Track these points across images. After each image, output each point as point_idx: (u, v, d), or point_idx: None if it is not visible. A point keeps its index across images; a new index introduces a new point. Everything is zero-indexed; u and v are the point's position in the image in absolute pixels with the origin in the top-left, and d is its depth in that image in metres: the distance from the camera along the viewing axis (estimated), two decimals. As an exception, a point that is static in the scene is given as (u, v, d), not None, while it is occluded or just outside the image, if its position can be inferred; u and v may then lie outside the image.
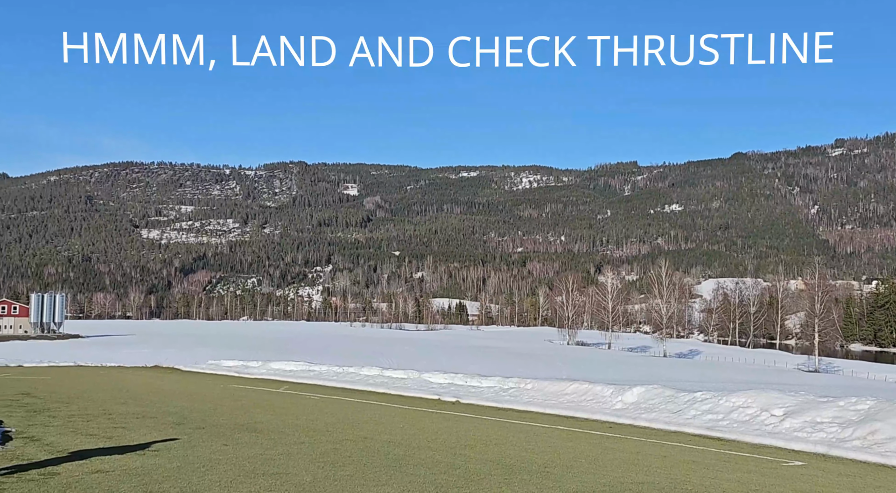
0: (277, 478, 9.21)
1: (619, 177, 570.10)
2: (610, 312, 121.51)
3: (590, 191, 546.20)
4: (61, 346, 72.31)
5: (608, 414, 17.08)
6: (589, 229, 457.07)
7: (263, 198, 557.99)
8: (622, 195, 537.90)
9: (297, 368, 32.36)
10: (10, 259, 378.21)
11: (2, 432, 12.79)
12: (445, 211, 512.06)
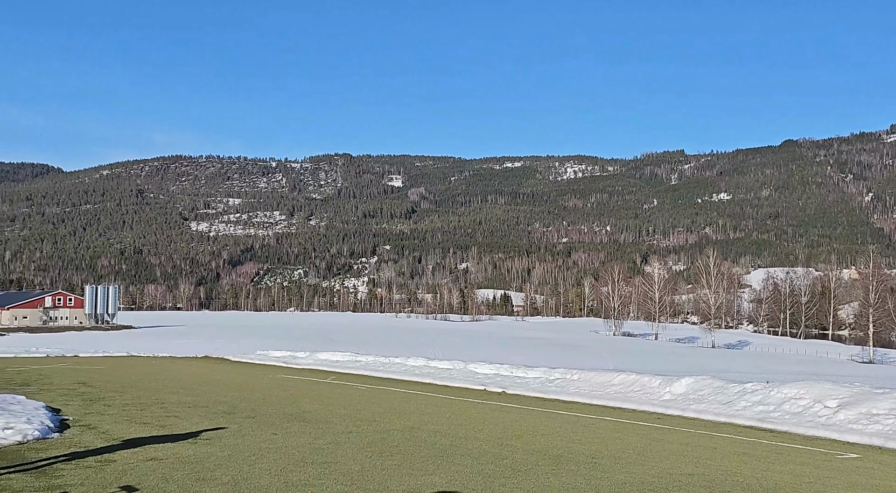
0: (326, 467, 9.30)
1: (665, 166, 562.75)
2: (657, 302, 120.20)
3: (636, 180, 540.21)
4: (115, 336, 74.02)
5: (656, 405, 16.90)
6: (635, 219, 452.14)
7: (309, 190, 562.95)
8: (669, 184, 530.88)
9: (343, 358, 32.62)
10: (65, 252, 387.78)
11: (60, 420, 13.14)
12: (490, 202, 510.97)
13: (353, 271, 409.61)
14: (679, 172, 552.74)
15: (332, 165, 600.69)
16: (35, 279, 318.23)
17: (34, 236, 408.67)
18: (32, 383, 20.60)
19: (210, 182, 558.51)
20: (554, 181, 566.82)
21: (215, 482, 8.28)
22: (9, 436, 10.81)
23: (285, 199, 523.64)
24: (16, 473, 8.63)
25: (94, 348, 44.21)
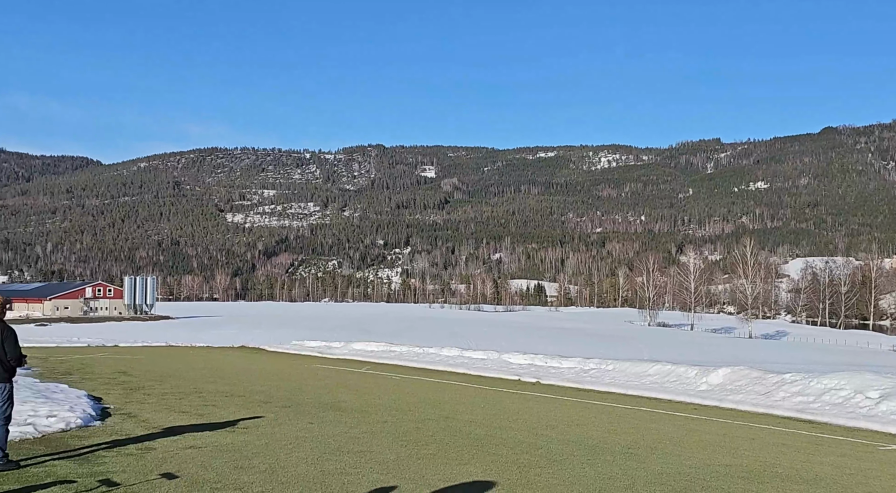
0: (362, 456, 9.37)
1: (701, 154, 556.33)
2: (692, 292, 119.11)
3: (671, 169, 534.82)
4: (153, 327, 75.17)
5: (692, 396, 16.75)
6: (670, 209, 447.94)
7: (343, 181, 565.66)
8: (704, 173, 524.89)
9: (378, 348, 32.77)
10: (104, 243, 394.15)
11: (101, 408, 13.38)
12: (523, 192, 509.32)
13: (387, 261, 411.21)
14: (715, 160, 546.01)
15: (366, 157, 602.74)
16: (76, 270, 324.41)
17: (74, 228, 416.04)
18: (74, 373, 21.00)
19: (245, 174, 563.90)
20: (588, 171, 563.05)
21: (253, 470, 8.38)
22: (53, 424, 11.03)
23: (319, 190, 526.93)
24: (60, 459, 8.81)
25: (134, 338, 44.93)
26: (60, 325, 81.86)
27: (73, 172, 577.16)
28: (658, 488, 8.00)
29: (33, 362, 24.05)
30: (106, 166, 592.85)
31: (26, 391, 13.98)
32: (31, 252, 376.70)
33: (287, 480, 7.95)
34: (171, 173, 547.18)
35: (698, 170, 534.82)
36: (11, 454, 8.67)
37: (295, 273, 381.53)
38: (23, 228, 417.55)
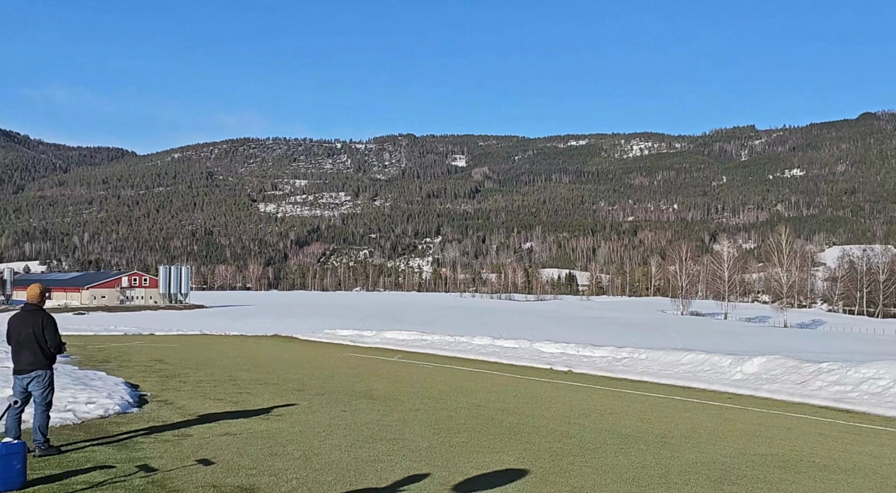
0: (395, 443, 9.41)
1: (735, 142, 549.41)
2: (726, 281, 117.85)
3: (704, 157, 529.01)
4: (188, 315, 76.13)
5: (727, 385, 16.59)
6: (703, 197, 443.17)
7: (373, 171, 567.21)
8: (738, 161, 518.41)
9: (409, 337, 32.88)
10: (139, 233, 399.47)
11: (138, 395, 13.59)
12: (554, 180, 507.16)
13: (418, 250, 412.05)
14: (749, 147, 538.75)
15: (396, 146, 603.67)
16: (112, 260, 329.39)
17: (110, 218, 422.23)
18: (112, 360, 21.34)
19: (277, 164, 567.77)
20: (619, 159, 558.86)
21: (287, 457, 8.46)
22: (91, 410, 11.23)
23: (350, 180, 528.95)
24: (99, 445, 8.97)
25: (169, 327, 45.54)
26: (98, 314, 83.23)
27: (108, 163, 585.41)
28: (692, 477, 7.94)
29: (72, 349, 24.50)
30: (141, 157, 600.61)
31: (66, 378, 14.24)
32: (69, 242, 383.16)
33: (321, 467, 8.02)
34: (204, 164, 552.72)
35: (732, 157, 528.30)
36: (53, 440, 8.84)
37: (326, 263, 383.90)
38: (60, 219, 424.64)
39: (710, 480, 7.83)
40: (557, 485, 7.41)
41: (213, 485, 7.12)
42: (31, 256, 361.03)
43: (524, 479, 7.65)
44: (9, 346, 8.81)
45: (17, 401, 8.50)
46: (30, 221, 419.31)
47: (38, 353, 8.65)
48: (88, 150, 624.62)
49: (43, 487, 7.00)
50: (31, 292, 8.92)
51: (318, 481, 7.38)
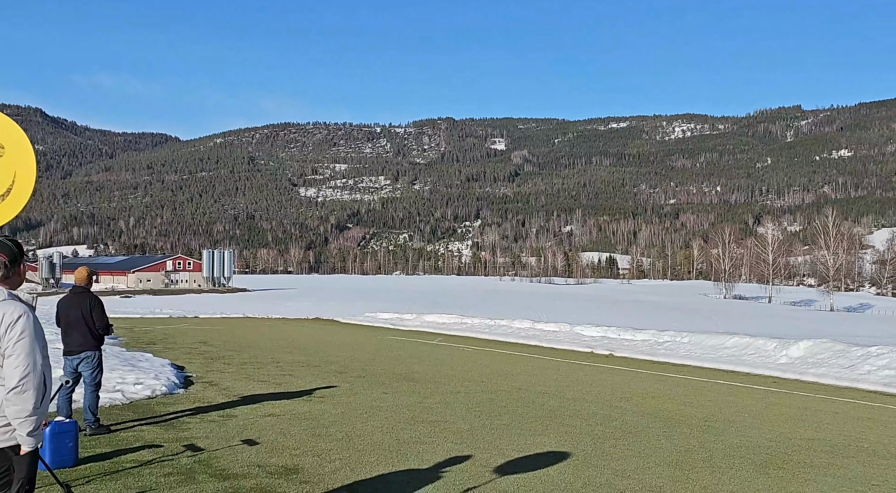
0: (436, 425, 9.45)
1: (780, 122, 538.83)
2: (770, 264, 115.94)
3: (748, 138, 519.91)
4: (231, 299, 77.14)
5: (772, 369, 16.35)
6: (747, 179, 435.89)
7: (413, 154, 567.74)
8: (784, 142, 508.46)
9: (449, 320, 32.93)
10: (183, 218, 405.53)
11: (184, 376, 13.82)
12: (594, 163, 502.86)
13: (457, 234, 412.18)
14: (795, 128, 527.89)
15: (436, 130, 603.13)
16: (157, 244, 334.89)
17: (155, 203, 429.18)
18: (158, 342, 21.73)
19: (317, 148, 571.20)
20: (661, 141, 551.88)
21: (330, 438, 8.54)
22: (139, 391, 11.46)
23: (390, 164, 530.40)
24: (147, 425, 9.15)
25: (213, 310, 46.20)
26: (143, 297, 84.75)
27: (153, 148, 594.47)
28: (737, 461, 7.85)
29: (120, 332, 25.01)
30: (184, 142, 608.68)
31: (114, 360, 14.54)
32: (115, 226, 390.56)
33: (363, 448, 8.08)
34: (245, 149, 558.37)
35: (777, 138, 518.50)
36: (102, 419, 9.05)
37: (366, 247, 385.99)
38: (107, 204, 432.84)
39: (755, 464, 7.73)
40: (599, 468, 7.38)
41: (258, 465, 7.23)
42: (79, 240, 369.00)
43: (566, 461, 7.63)
44: (58, 328, 9.01)
45: (69, 381, 8.70)
46: (77, 205, 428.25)
47: (86, 334, 8.84)
48: (133, 135, 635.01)
49: (94, 465, 7.16)
50: (79, 274, 9.11)
51: (360, 461, 7.44)
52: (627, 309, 64.67)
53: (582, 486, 6.70)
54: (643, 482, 6.88)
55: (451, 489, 6.47)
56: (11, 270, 3.79)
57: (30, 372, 3.58)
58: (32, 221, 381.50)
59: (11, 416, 3.58)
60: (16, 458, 3.65)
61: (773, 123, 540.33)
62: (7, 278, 3.77)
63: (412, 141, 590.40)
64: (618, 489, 6.65)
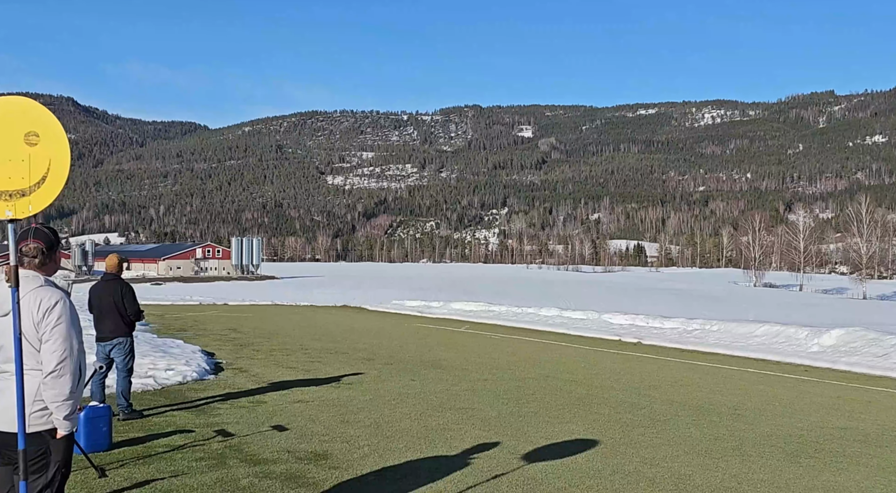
0: (464, 412, 9.47)
1: (812, 108, 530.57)
2: (801, 252, 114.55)
3: (779, 124, 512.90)
4: (259, 286, 77.79)
5: (803, 357, 16.16)
6: (778, 165, 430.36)
7: (440, 142, 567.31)
8: (816, 127, 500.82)
9: (476, 308, 32.94)
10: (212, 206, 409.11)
11: (215, 363, 13.98)
12: (622, 150, 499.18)
13: (484, 222, 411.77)
14: (828, 113, 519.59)
15: (462, 117, 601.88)
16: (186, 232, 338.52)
17: (185, 191, 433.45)
18: (188, 329, 21.99)
19: (344, 136, 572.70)
20: (690, 128, 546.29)
21: (358, 424, 8.60)
22: (171, 377, 11.61)
23: (417, 151, 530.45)
24: (178, 410, 9.27)
25: (241, 297, 46.61)
26: (174, 284, 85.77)
27: (182, 136, 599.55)
28: (768, 449, 7.79)
29: (151, 318, 25.33)
30: (213, 131, 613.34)
31: (146, 346, 14.74)
32: (146, 214, 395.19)
33: (392, 434, 8.12)
34: (273, 137, 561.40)
35: (809, 124, 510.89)
36: (135, 404, 9.18)
37: (393, 234, 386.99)
38: (137, 192, 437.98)
39: (787, 453, 7.67)
40: (628, 455, 7.36)
41: (288, 450, 7.30)
42: (111, 228, 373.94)
43: (594, 449, 7.61)
44: (91, 314, 9.14)
45: (102, 366, 8.84)
46: (109, 194, 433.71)
47: (118, 321, 8.96)
48: (163, 124, 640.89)
49: (128, 449, 7.27)
50: (110, 262, 9.23)
51: (389, 448, 7.49)
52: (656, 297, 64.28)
53: (610, 473, 6.68)
54: (672, 470, 6.85)
55: (480, 476, 6.49)
56: (48, 257, 3.85)
57: (67, 357, 3.65)
58: (65, 209, 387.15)
59: (49, 400, 3.64)
60: (52, 441, 3.72)
61: (806, 108, 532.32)
62: (44, 264, 3.84)
63: (439, 129, 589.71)
64: (647, 476, 6.62)
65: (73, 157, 3.38)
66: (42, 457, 3.69)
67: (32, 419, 3.65)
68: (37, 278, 3.76)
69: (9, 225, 3.62)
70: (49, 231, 3.89)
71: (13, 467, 3.73)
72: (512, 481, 6.38)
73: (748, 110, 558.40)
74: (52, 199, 3.69)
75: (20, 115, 3.63)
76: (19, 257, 3.76)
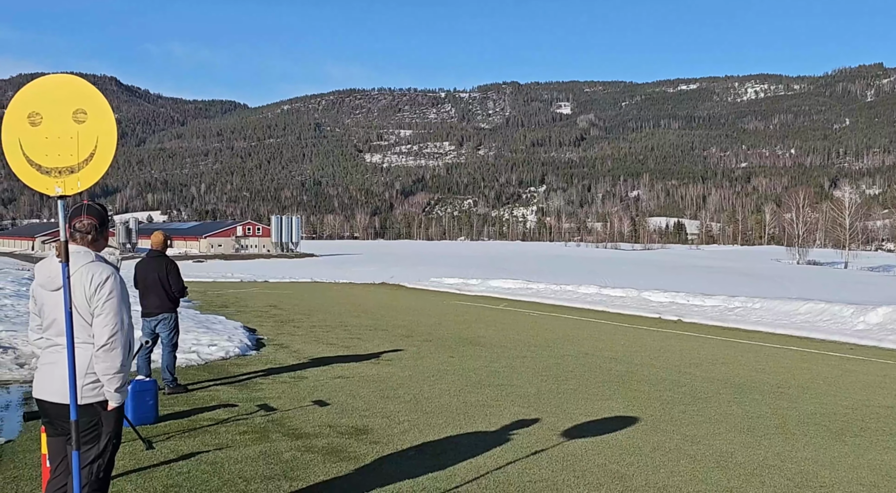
0: (503, 389, 9.50)
1: (860, 81, 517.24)
2: (847, 229, 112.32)
3: (825, 98, 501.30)
4: (299, 264, 78.52)
5: (848, 335, 15.91)
6: (823, 140, 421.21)
7: (478, 120, 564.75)
8: (864, 102, 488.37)
9: (514, 286, 32.89)
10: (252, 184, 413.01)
11: (256, 339, 14.18)
12: (662, 127, 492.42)
13: (522, 200, 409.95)
14: (876, 87, 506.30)
15: (500, 94, 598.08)
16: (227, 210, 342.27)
17: (225, 170, 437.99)
18: (230, 306, 22.30)
19: (382, 114, 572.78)
20: (733, 103, 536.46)
21: (398, 400, 8.68)
22: (214, 352, 11.80)
23: (454, 129, 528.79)
24: (222, 385, 9.43)
25: (282, 275, 47.10)
26: (215, 261, 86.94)
27: (222, 115, 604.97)
28: (811, 428, 7.70)
29: (193, 295, 25.73)
30: (252, 109, 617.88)
31: (189, 322, 14.99)
32: (187, 193, 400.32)
33: (431, 410, 8.18)
34: (312, 115, 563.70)
35: (857, 98, 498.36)
36: (180, 379, 9.36)
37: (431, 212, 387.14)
38: (179, 170, 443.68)
39: (831, 431, 7.57)
40: (668, 433, 7.33)
41: (329, 425, 7.39)
42: (153, 206, 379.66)
43: (634, 426, 7.59)
44: (136, 290, 9.32)
45: (148, 341, 9.02)
46: (151, 172, 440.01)
47: (163, 297, 9.12)
48: (203, 103, 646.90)
49: (174, 422, 7.43)
50: (155, 239, 9.38)
51: (428, 423, 7.54)
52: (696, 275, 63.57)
53: (651, 450, 6.67)
54: (713, 448, 6.81)
55: (520, 452, 6.51)
56: (100, 233, 3.93)
57: (118, 330, 3.73)
58: (109, 187, 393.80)
59: (100, 372, 3.73)
60: (103, 413, 3.81)
61: (853, 82, 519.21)
62: (95, 240, 3.92)
63: (477, 106, 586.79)
64: (688, 454, 6.60)
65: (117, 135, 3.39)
66: (94, 428, 3.79)
67: (84, 391, 3.74)
68: (88, 254, 3.85)
69: (58, 201, 3.69)
70: (100, 208, 3.97)
71: (66, 437, 3.83)
72: (552, 457, 6.40)
73: (793, 84, 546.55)
74: (100, 176, 3.75)
75: (69, 92, 3.69)
76: (72, 233, 3.84)
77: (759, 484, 5.80)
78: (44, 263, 3.91)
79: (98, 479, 3.81)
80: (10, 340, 11.37)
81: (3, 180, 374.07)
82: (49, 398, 3.80)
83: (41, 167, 3.68)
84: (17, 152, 3.69)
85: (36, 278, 3.91)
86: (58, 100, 3.67)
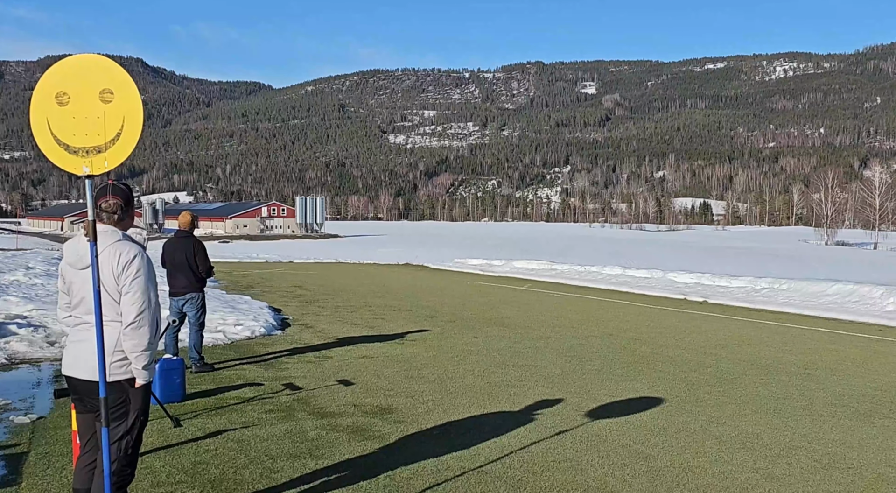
0: (527, 369, 9.50)
1: (892, 59, 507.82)
2: (877, 209, 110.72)
3: (856, 76, 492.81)
4: (323, 244, 78.88)
5: (877, 316, 15.71)
6: (854, 120, 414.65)
7: (502, 100, 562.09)
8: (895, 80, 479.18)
9: (538, 267, 32.81)
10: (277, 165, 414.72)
11: (282, 318, 14.29)
12: (689, 106, 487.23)
13: (546, 181, 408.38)
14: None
15: (525, 74, 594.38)
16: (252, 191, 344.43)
17: (250, 151, 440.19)
18: (256, 286, 22.46)
19: (406, 95, 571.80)
20: (761, 82, 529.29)
21: (423, 380, 8.71)
22: (240, 332, 11.91)
23: (478, 110, 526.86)
24: (248, 364, 9.52)
25: (306, 255, 47.33)
26: (240, 242, 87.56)
27: (247, 96, 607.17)
28: (839, 409, 7.63)
29: (219, 275, 25.95)
30: (277, 90, 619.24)
31: (215, 302, 15.13)
32: (213, 174, 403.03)
33: (455, 390, 8.20)
34: (336, 96, 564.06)
35: (889, 76, 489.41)
36: (206, 358, 9.46)
37: (455, 193, 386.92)
38: (204, 151, 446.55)
39: (859, 413, 7.50)
40: (694, 414, 7.30)
41: (354, 404, 7.44)
42: (179, 187, 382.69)
43: (659, 407, 7.57)
44: (164, 270, 9.41)
45: (175, 321, 9.11)
46: (177, 153, 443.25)
47: (190, 277, 9.20)
48: (228, 84, 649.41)
49: (201, 400, 7.52)
50: (183, 219, 9.45)
51: (453, 403, 7.57)
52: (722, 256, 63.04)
53: (676, 431, 6.64)
54: (739, 429, 6.77)
55: (544, 432, 6.52)
56: (126, 212, 3.97)
57: (145, 308, 3.77)
58: (136, 168, 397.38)
59: (128, 350, 3.78)
60: (131, 390, 3.86)
61: (885, 59, 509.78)
62: (122, 220, 3.96)
63: (501, 86, 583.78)
64: (713, 435, 6.57)
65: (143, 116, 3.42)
66: (122, 405, 3.84)
67: (112, 369, 3.79)
68: (115, 233, 3.88)
69: (86, 181, 3.72)
70: (126, 188, 4.00)
71: (95, 414, 3.89)
72: (576, 437, 6.40)
73: (822, 63, 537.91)
74: (126, 156, 3.77)
75: (96, 72, 3.71)
76: (98, 213, 3.88)
77: (785, 465, 5.76)
78: (72, 242, 3.95)
79: (127, 455, 3.86)
80: (40, 318, 11.55)
81: (32, 162, 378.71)
82: (78, 375, 3.85)
83: (69, 147, 3.71)
84: (46, 132, 3.72)
85: (65, 257, 3.96)
86: (85, 80, 3.69)
